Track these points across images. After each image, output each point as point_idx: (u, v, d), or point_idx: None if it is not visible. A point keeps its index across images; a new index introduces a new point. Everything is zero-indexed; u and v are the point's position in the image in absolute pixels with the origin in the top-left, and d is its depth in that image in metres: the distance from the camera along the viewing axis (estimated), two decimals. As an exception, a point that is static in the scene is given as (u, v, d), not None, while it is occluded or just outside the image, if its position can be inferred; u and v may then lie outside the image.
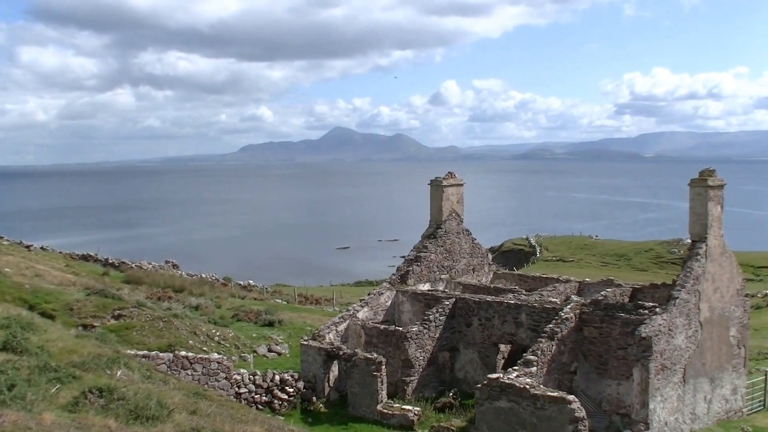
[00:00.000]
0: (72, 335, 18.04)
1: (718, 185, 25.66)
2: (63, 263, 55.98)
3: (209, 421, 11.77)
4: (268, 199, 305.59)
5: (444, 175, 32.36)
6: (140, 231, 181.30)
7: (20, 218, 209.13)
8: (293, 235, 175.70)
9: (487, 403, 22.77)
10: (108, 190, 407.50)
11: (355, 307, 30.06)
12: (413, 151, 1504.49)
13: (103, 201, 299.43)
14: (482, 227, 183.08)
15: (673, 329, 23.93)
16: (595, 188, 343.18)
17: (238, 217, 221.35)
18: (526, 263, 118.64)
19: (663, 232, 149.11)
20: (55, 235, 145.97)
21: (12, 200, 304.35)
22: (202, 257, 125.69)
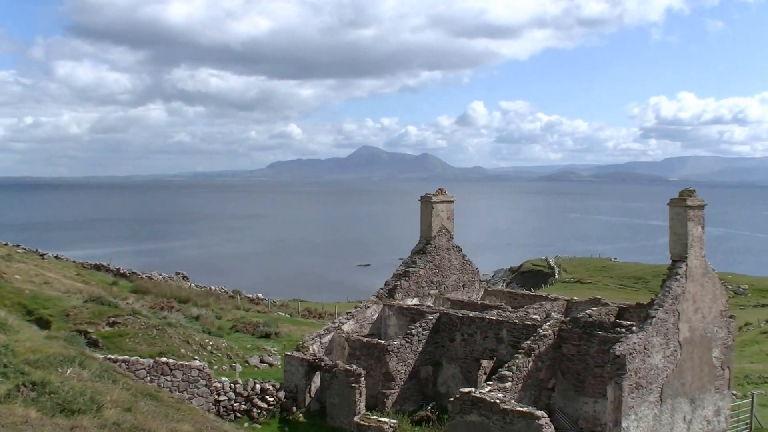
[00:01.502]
0: (42, 336, 18.55)
1: (698, 205, 25.68)
2: (75, 272, 57.01)
3: (140, 417, 12.14)
4: (294, 216, 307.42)
5: (434, 192, 32.66)
6: (165, 244, 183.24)
7: (50, 228, 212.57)
8: (316, 251, 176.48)
9: (458, 417, 22.91)
10: (137, 203, 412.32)
11: (341, 319, 30.40)
12: (439, 170, 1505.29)
13: (131, 214, 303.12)
14: (504, 247, 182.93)
15: (649, 348, 23.91)
16: (618, 211, 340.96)
17: (263, 232, 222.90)
18: (545, 284, 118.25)
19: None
20: (81, 246, 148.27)
21: (43, 211, 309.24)
22: (224, 271, 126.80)
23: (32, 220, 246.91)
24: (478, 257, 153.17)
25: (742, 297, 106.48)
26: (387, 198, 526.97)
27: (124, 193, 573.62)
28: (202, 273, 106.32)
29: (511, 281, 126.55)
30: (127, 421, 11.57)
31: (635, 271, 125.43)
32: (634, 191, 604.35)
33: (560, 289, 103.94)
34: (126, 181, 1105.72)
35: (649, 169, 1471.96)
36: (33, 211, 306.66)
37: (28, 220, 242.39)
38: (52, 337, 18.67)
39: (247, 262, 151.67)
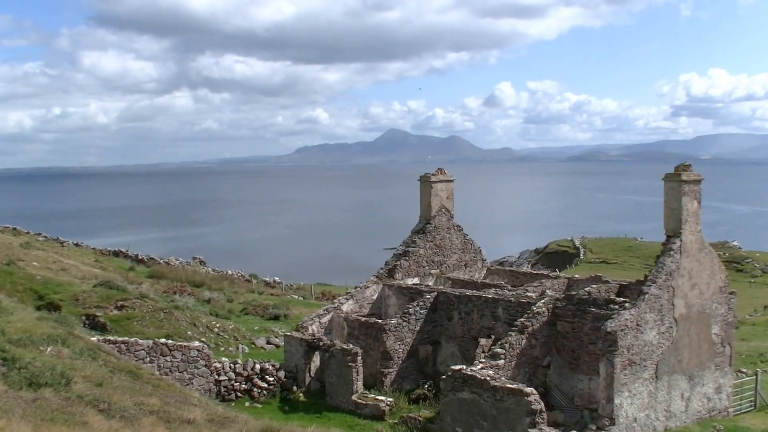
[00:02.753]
0: (34, 317, 19.03)
1: (693, 180, 25.48)
2: (93, 258, 58.02)
3: (108, 391, 12.49)
4: (321, 200, 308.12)
5: (434, 171, 32.72)
6: (194, 230, 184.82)
7: (79, 217, 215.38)
8: (342, 235, 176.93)
9: (450, 394, 23.13)
10: (165, 190, 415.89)
11: (340, 300, 30.68)
12: (467, 152, 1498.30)
13: (160, 201, 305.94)
14: (530, 228, 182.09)
15: (642, 324, 23.85)
16: (647, 190, 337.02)
17: (291, 217, 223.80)
18: (570, 265, 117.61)
19: (714, 234, 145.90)
20: (110, 234, 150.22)
21: (73, 200, 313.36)
22: (250, 256, 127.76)
23: (62, 209, 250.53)
24: (505, 238, 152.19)
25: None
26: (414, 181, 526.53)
27: (153, 181, 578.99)
28: (228, 258, 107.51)
29: (537, 262, 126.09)
30: (92, 394, 11.91)
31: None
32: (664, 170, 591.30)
33: (585, 270, 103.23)
34: (154, 169, 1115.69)
35: (680, 147, 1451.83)
36: (62, 200, 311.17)
37: (58, 210, 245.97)
38: (44, 318, 19.14)
39: (274, 247, 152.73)
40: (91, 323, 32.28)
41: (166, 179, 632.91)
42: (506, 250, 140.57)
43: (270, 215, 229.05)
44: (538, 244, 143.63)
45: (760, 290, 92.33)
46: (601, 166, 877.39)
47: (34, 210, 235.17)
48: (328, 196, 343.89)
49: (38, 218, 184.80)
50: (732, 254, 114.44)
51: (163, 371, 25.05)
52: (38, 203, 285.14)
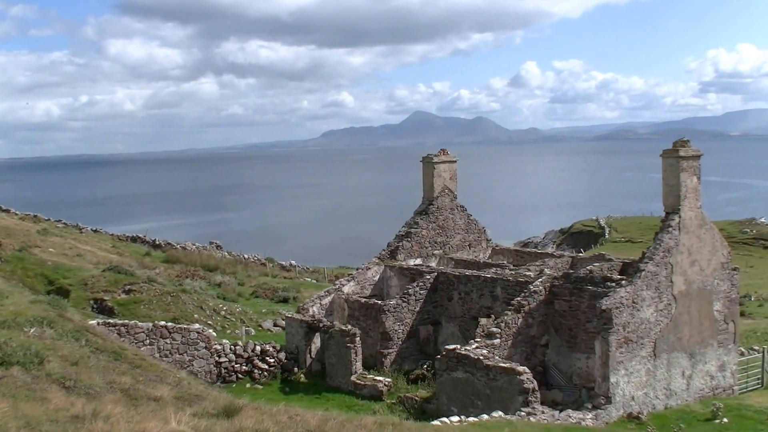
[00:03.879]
0: (27, 300, 19.34)
1: (692, 156, 25.15)
2: (110, 244, 58.72)
3: (81, 370, 12.70)
4: (347, 184, 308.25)
5: (436, 152, 32.61)
6: (219, 216, 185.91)
7: (107, 204, 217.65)
8: (367, 218, 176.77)
9: (445, 374, 23.19)
10: (192, 176, 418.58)
11: (341, 281, 30.81)
12: (494, 133, 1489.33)
13: (186, 187, 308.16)
14: (556, 208, 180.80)
15: (639, 302, 23.67)
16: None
17: (316, 201, 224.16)
18: (594, 244, 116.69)
19: (743, 211, 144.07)
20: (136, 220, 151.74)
21: (101, 187, 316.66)
22: (274, 240, 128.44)
23: (90, 196, 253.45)
24: (531, 219, 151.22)
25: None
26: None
27: (180, 168, 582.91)
28: (252, 243, 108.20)
29: (561, 242, 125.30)
30: (62, 373, 12.11)
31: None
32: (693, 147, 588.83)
33: (610, 249, 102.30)
34: (181, 156, 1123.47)
35: (709, 124, 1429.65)
36: (90, 187, 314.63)
37: (85, 197, 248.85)
38: (37, 301, 19.40)
39: (298, 231, 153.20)
40: (99, 307, 32.79)
41: (193, 165, 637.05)
42: (532, 231, 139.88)
43: (295, 200, 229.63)
44: (564, 224, 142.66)
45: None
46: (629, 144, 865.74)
47: (61, 198, 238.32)
48: (353, 179, 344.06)
49: (65, 206, 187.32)
50: (759, 231, 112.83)
51: (163, 353, 25.40)
52: (66, 191, 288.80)
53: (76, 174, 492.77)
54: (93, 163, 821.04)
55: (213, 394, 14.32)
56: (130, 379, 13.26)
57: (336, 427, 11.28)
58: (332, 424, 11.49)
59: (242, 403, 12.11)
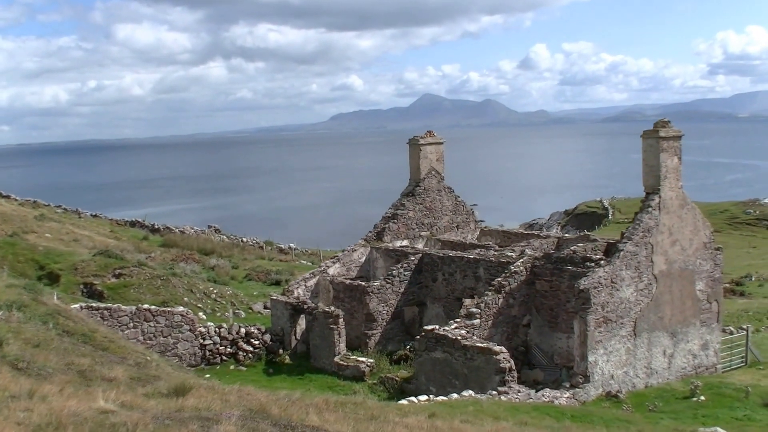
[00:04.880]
0: (3, 285, 19.55)
1: (672, 136, 25.10)
2: (108, 229, 59.05)
3: (41, 352, 12.88)
4: (356, 167, 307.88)
5: (423, 134, 32.61)
6: (227, 200, 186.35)
7: (114, 189, 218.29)
8: (375, 200, 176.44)
9: (424, 354, 23.34)
10: (201, 161, 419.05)
11: (327, 263, 30.95)
12: (503, 116, 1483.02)
13: (195, 171, 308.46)
14: (562, 190, 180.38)
15: (618, 282, 23.71)
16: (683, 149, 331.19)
17: (324, 184, 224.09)
18: (598, 226, 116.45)
19: (748, 192, 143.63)
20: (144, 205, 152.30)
21: (108, 173, 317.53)
22: (280, 223, 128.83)
23: (97, 181, 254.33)
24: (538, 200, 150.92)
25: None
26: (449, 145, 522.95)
27: (189, 152, 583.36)
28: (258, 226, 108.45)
29: (566, 224, 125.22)
30: (19, 355, 12.26)
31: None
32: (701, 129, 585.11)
33: (613, 230, 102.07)
34: (190, 140, 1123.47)
35: (717, 106, 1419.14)
36: (98, 173, 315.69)
37: (93, 182, 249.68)
38: (13, 285, 19.63)
39: (305, 214, 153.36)
40: (89, 291, 33.03)
41: (202, 149, 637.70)
42: (539, 212, 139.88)
43: (303, 183, 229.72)
44: (570, 205, 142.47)
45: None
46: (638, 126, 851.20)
47: (69, 183, 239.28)
48: (362, 162, 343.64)
49: (71, 191, 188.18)
50: (763, 212, 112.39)
51: (147, 336, 25.63)
52: (74, 176, 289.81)
53: (84, 159, 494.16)
54: (101, 148, 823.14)
55: (174, 375, 14.48)
56: (90, 360, 13.41)
57: (282, 405, 11.38)
58: (280, 403, 11.60)
59: (194, 383, 12.25)
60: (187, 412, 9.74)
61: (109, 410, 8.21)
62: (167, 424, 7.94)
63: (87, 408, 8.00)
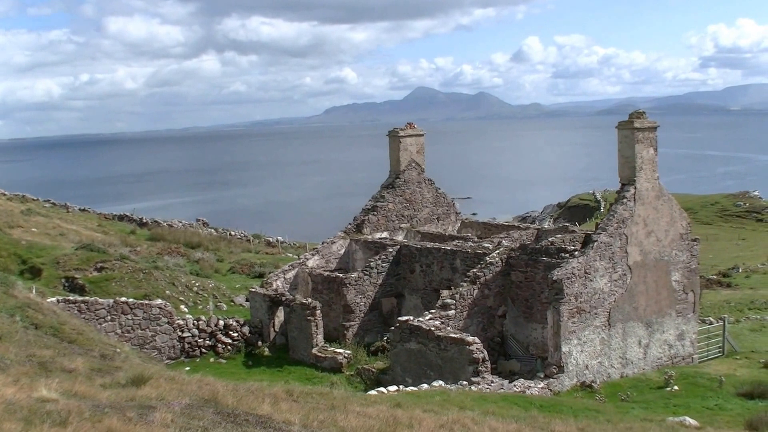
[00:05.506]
0: (-25, 279, 19.64)
1: (647, 127, 25.19)
2: (96, 223, 59.08)
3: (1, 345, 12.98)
4: (350, 160, 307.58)
5: (403, 126, 32.69)
6: (221, 193, 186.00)
7: (107, 183, 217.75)
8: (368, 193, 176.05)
9: (399, 345, 23.45)
10: (195, 154, 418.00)
11: (306, 255, 31.05)
12: (496, 109, 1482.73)
13: (189, 165, 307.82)
14: (555, 183, 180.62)
15: (592, 272, 23.84)
16: (676, 142, 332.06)
17: (318, 177, 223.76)
18: (590, 218, 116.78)
19: (740, 185, 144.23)
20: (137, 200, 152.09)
21: (102, 167, 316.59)
22: (274, 217, 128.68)
23: (90, 176, 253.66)
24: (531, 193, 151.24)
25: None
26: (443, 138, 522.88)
27: (183, 146, 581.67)
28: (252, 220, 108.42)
29: (559, 216, 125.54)
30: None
31: (683, 202, 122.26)
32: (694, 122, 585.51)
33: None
34: (184, 134, 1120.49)
35: (709, 98, 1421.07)
36: (91, 167, 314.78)
37: (86, 177, 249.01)
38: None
39: (299, 207, 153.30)
40: (71, 285, 33.09)
41: (196, 143, 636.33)
42: (532, 205, 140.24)
43: (298, 176, 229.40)
44: (563, 198, 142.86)
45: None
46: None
47: (62, 178, 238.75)
48: (356, 155, 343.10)
49: (65, 186, 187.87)
50: (752, 204, 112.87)
51: (125, 329, 25.69)
52: (67, 171, 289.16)
53: (77, 154, 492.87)
54: (95, 142, 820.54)
55: (140, 366, 14.54)
56: (52, 352, 13.47)
57: (238, 394, 11.47)
58: (237, 393, 11.69)
59: (153, 374, 12.34)
60: (137, 401, 9.85)
61: (50, 399, 8.30)
62: (106, 412, 8.03)
63: (26, 397, 8.09)
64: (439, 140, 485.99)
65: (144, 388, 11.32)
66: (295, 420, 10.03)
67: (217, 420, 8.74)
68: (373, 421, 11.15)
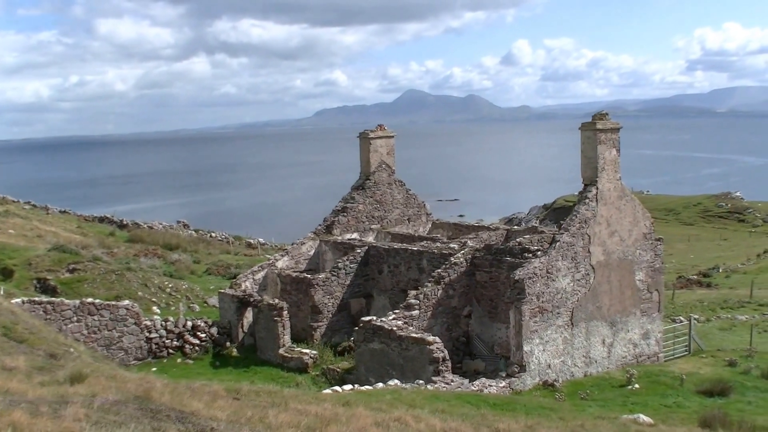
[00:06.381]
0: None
1: (610, 128, 25.44)
2: (75, 225, 58.99)
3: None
4: (339, 162, 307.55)
5: (374, 128, 32.86)
6: (210, 195, 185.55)
7: (95, 185, 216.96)
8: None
9: (363, 345, 23.60)
10: (184, 156, 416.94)
11: (275, 256, 31.15)
12: (486, 111, 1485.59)
13: (178, 167, 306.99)
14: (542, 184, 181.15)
15: (554, 272, 24.03)
16: (662, 144, 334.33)
17: (308, 179, 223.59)
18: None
19: (724, 186, 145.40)
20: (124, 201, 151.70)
21: (91, 169, 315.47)
22: (262, 219, 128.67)
23: (78, 178, 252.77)
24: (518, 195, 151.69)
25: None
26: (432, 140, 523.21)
27: (172, 148, 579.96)
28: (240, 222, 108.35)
29: (545, 218, 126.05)
30: None
31: (666, 203, 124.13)
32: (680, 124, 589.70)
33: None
34: (174, 136, 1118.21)
35: (696, 101, 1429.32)
36: (79, 169, 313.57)
37: (73, 179, 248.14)
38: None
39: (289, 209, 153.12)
40: (43, 286, 33.06)
41: (185, 145, 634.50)
42: (519, 207, 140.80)
43: (288, 178, 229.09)
44: (549, 199, 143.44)
45: (759, 239, 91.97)
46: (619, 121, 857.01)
47: (49, 179, 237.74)
48: (346, 157, 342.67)
49: (52, 187, 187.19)
50: (734, 205, 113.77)
51: (91, 330, 25.71)
52: (55, 173, 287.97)
53: (66, 155, 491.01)
54: (84, 144, 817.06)
55: (89, 365, 14.61)
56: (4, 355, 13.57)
57: (175, 392, 11.57)
58: (175, 390, 11.79)
59: (93, 372, 12.44)
60: (68, 398, 9.94)
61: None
62: (22, 407, 8.13)
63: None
64: (428, 143, 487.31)
65: (81, 385, 11.43)
66: (221, 416, 10.13)
67: (135, 415, 8.84)
68: (306, 418, 11.26)
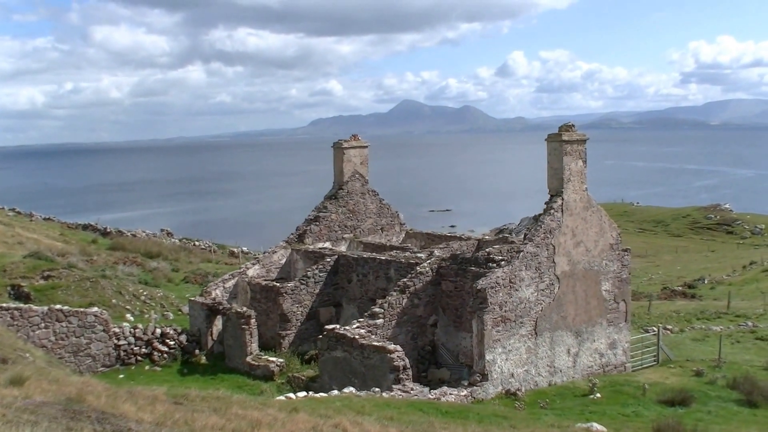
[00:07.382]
0: None
1: (576, 140, 25.71)
2: (58, 232, 59.04)
3: None
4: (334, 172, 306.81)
5: (348, 138, 33.11)
6: (203, 204, 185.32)
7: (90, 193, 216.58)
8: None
9: (326, 353, 23.75)
10: (178, 165, 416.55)
11: (247, 264, 31.31)
12: (481, 122, 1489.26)
13: (172, 176, 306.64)
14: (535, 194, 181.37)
15: (517, 282, 24.24)
16: (655, 156, 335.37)
17: (303, 189, 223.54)
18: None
19: (714, 198, 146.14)
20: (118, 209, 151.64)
21: (84, 176, 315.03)
22: (255, 227, 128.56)
23: (70, 186, 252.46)
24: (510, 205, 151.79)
25: (758, 236, 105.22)
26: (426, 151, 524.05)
27: (167, 156, 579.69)
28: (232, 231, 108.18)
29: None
30: None
31: (656, 214, 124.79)
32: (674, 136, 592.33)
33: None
34: (169, 144, 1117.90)
35: (690, 113, 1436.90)
36: (73, 177, 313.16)
37: (66, 187, 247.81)
38: None
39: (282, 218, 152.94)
40: (16, 293, 33.08)
41: (180, 154, 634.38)
42: (511, 217, 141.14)
43: (282, 187, 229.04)
44: (536, 210, 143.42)
45: (746, 251, 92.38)
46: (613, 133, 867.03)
47: (41, 187, 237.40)
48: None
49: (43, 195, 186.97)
50: (723, 217, 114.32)
51: (59, 337, 25.82)
52: (47, 180, 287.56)
53: (59, 163, 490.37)
54: (78, 151, 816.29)
55: (43, 371, 14.74)
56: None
57: (113, 395, 11.72)
58: (114, 394, 11.93)
59: (33, 375, 12.57)
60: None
61: None
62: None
63: None
64: (423, 153, 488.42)
65: (19, 388, 11.57)
66: (148, 419, 10.29)
67: (55, 415, 9.00)
68: (237, 422, 11.41)
